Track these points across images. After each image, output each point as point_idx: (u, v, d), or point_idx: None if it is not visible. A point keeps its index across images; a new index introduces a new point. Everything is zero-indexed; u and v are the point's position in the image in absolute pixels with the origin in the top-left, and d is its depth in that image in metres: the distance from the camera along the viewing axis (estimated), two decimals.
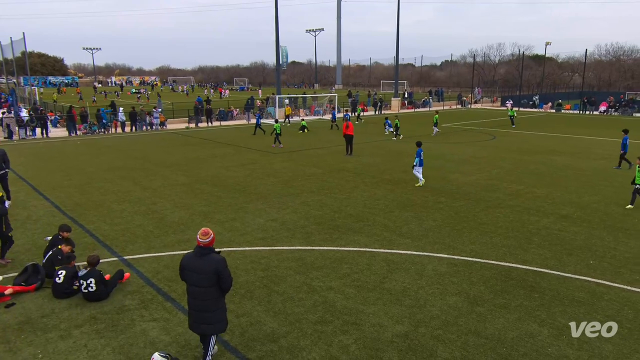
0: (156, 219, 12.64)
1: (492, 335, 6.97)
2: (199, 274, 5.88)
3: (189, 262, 5.99)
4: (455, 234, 11.35)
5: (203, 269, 5.86)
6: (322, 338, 6.93)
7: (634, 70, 78.62)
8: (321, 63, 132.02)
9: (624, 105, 49.12)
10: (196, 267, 5.90)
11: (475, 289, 8.46)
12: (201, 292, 5.91)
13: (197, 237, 5.97)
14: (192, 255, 6.01)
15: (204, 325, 6.04)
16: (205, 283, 5.88)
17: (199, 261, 5.91)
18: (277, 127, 25.80)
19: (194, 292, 5.97)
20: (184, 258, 6.10)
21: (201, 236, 5.93)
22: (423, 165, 16.22)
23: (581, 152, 23.59)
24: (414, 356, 6.48)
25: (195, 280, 5.91)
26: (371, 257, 9.95)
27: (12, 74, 54.20)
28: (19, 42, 44.80)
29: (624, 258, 9.90)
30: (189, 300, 6.08)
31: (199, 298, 5.95)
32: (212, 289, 5.93)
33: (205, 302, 5.96)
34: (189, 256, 6.07)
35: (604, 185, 16.40)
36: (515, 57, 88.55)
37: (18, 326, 7.33)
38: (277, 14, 41.40)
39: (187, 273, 5.99)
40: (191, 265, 5.95)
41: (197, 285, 5.91)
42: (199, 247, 5.95)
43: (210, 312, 6.00)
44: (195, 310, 6.03)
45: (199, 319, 6.02)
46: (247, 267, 9.47)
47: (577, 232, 11.53)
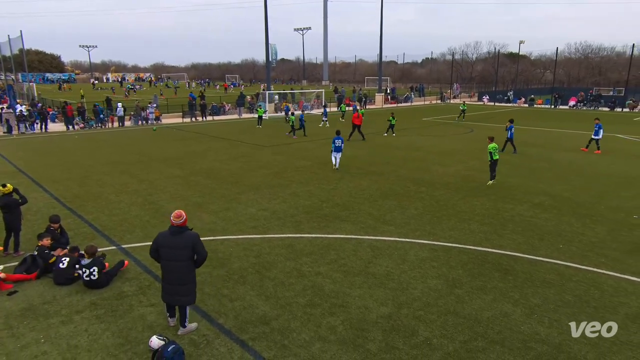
0: (153, 209, 12.53)
1: (470, 315, 7.07)
2: (175, 250, 6.23)
3: (164, 240, 6.32)
4: (435, 222, 11.44)
5: (179, 245, 6.23)
6: (311, 320, 6.97)
7: (601, 67, 79.43)
8: (309, 60, 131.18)
9: (592, 100, 49.77)
10: (173, 244, 6.25)
11: (454, 273, 8.55)
12: (177, 266, 6.27)
13: (171, 219, 6.31)
14: (167, 234, 6.34)
15: (179, 297, 6.42)
16: (182, 257, 6.25)
17: (175, 238, 6.27)
18: (292, 120, 27.07)
19: (170, 266, 6.31)
20: (158, 237, 6.41)
21: (175, 218, 6.30)
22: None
23: (552, 144, 23.87)
24: (397, 335, 6.55)
25: (172, 256, 6.25)
26: (357, 243, 10.00)
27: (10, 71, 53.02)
28: (17, 40, 43.84)
29: (591, 242, 10.08)
30: (165, 275, 6.40)
31: (175, 271, 6.29)
32: (186, 263, 6.30)
33: (181, 275, 6.31)
34: (163, 234, 6.40)
35: (573, 176, 16.63)
36: (491, 55, 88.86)
37: (20, 312, 7.26)
38: (266, 13, 41.04)
39: (163, 250, 6.30)
40: (167, 242, 6.28)
41: (174, 260, 6.26)
42: (173, 227, 6.29)
43: (185, 285, 6.37)
44: (170, 284, 6.36)
45: (174, 291, 6.37)
46: (240, 254, 9.45)
47: (548, 218, 11.69)
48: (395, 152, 21.32)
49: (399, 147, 22.76)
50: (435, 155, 20.56)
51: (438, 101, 59.83)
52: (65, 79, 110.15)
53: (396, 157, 19.98)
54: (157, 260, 6.52)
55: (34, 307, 7.44)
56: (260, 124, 32.24)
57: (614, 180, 15.85)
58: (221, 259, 9.16)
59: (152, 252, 6.48)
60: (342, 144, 17.56)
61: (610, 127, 31.57)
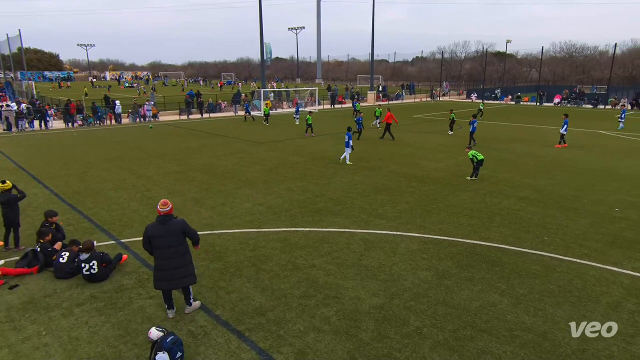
0: (151, 204, 12.47)
1: (459, 305, 7.13)
2: (167, 237, 6.33)
3: (155, 230, 6.40)
4: (425, 215, 11.49)
5: (170, 232, 6.34)
6: (305, 311, 6.99)
7: (585, 66, 79.92)
8: (302, 59, 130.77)
9: (576, 98, 50.09)
10: (164, 232, 6.35)
11: (444, 264, 8.61)
12: (172, 252, 6.38)
13: (158, 208, 6.43)
14: (156, 224, 6.43)
15: (183, 279, 6.54)
16: (175, 243, 6.39)
17: (164, 227, 6.37)
18: (309, 119, 26.08)
19: (166, 254, 6.39)
20: (148, 229, 6.46)
21: (161, 206, 6.43)
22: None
23: (538, 140, 24.00)
24: (389, 325, 6.59)
25: (165, 243, 6.35)
26: (350, 236, 10.02)
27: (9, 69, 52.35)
28: (15, 39, 43.30)
29: (574, 235, 10.18)
30: (162, 263, 6.44)
31: (173, 257, 6.40)
32: (181, 247, 6.46)
33: (179, 259, 6.43)
34: (152, 225, 6.47)
35: (558, 170, 16.76)
36: (479, 54, 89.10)
37: (22, 306, 7.21)
38: (261, 13, 40.79)
39: (156, 240, 6.37)
40: (158, 231, 6.37)
41: (168, 246, 6.35)
42: (161, 216, 6.39)
43: (184, 266, 6.51)
44: (171, 270, 6.43)
45: (177, 275, 6.47)
46: (237, 247, 9.44)
47: (533, 212, 11.78)
48: (387, 148, 21.36)
49: (390, 143, 22.80)
50: (426, 151, 20.62)
51: (428, 99, 59.92)
52: (63, 77, 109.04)
53: (388, 153, 20.01)
54: (150, 252, 6.53)
55: (35, 300, 7.39)
56: (267, 121, 31.88)
57: (597, 175, 15.99)
58: (218, 253, 9.15)
59: (145, 245, 6.51)
60: (349, 139, 17.23)
61: (593, 123, 31.86)
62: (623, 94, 49.66)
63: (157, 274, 6.51)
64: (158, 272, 6.49)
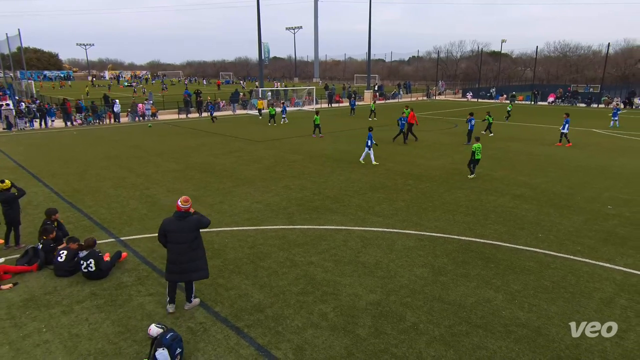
0: (150, 202, 12.44)
1: (454, 301, 7.14)
2: (183, 233, 6.46)
3: (171, 225, 6.53)
4: (421, 213, 11.51)
5: (185, 228, 6.47)
6: (303, 307, 6.99)
7: (578, 65, 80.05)
8: (300, 58, 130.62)
9: (570, 97, 50.20)
10: (180, 228, 6.48)
11: (439, 261, 8.62)
12: (185, 247, 6.49)
13: (179, 204, 6.52)
14: (173, 219, 6.54)
15: (194, 273, 6.63)
16: (190, 238, 6.51)
17: (182, 223, 6.50)
18: (317, 119, 25.20)
19: (179, 249, 6.49)
20: (165, 223, 6.59)
21: (183, 202, 6.53)
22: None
23: (533, 139, 24.05)
24: (386, 321, 6.60)
25: (180, 239, 6.47)
26: (347, 234, 10.03)
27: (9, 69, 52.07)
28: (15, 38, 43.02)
29: (568, 232, 10.21)
30: (174, 257, 6.53)
31: (186, 253, 6.50)
32: (195, 242, 6.57)
33: (191, 254, 6.54)
34: (170, 220, 6.58)
35: (552, 169, 16.80)
36: (474, 53, 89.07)
37: (22, 303, 7.19)
38: (259, 12, 40.67)
39: (171, 234, 6.49)
40: (174, 226, 6.50)
41: (183, 242, 6.47)
42: (180, 212, 6.52)
43: (196, 260, 6.61)
44: (183, 263, 6.52)
45: (188, 269, 6.56)
46: (235, 245, 9.44)
47: (528, 209, 11.81)
48: (385, 147, 21.34)
49: (387, 142, 22.79)
50: (422, 150, 20.63)
51: (424, 98, 59.93)
52: (63, 76, 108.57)
53: (384, 151, 20.01)
54: (164, 245, 6.67)
55: (35, 297, 7.37)
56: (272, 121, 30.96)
57: (590, 173, 16.04)
58: (217, 250, 9.15)
59: (160, 238, 6.67)
60: (369, 139, 17.00)
61: (586, 122, 31.93)
62: (616, 93, 49.82)
63: (169, 267, 6.64)
64: (171, 265, 6.62)
